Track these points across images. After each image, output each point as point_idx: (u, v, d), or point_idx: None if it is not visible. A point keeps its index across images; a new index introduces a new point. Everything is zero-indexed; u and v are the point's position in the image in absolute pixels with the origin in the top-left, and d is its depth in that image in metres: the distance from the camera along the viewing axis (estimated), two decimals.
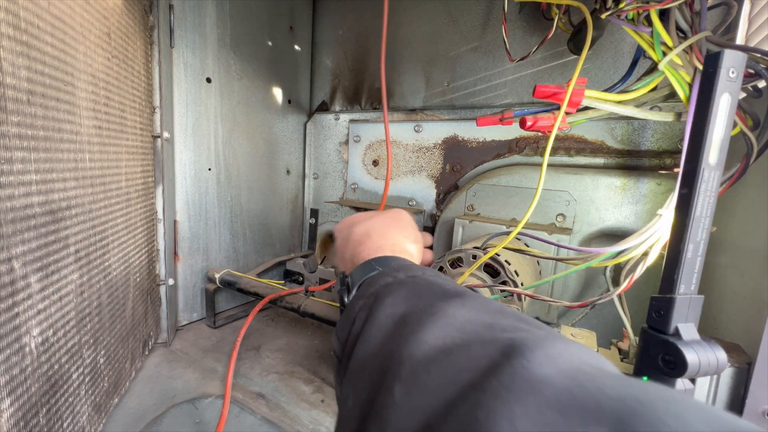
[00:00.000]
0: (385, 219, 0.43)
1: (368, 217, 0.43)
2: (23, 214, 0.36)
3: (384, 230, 0.40)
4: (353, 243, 0.40)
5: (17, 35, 0.34)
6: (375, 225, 0.41)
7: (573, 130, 0.75)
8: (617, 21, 0.46)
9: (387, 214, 0.44)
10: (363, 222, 0.42)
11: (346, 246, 0.41)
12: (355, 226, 0.42)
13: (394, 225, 0.42)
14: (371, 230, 0.40)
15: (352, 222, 0.43)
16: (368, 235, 0.40)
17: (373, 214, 0.44)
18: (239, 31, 0.88)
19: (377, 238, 0.39)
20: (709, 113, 0.33)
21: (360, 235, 0.40)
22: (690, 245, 0.34)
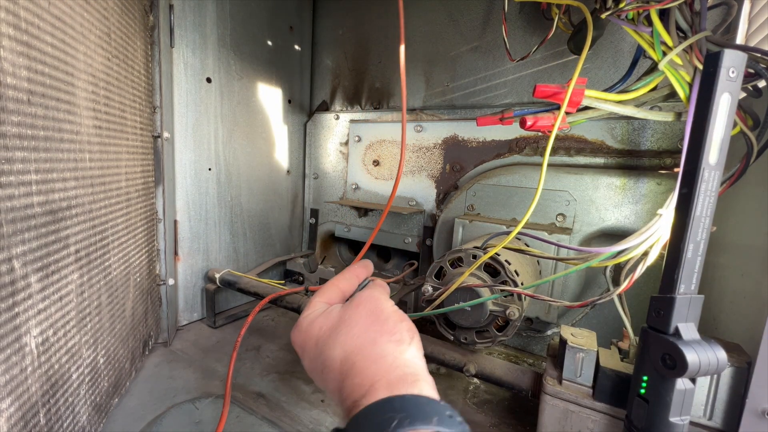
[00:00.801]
0: (360, 323, 0.31)
1: (335, 325, 0.31)
2: (23, 214, 0.36)
3: (368, 348, 0.29)
4: (333, 375, 0.29)
5: (17, 35, 0.34)
6: (353, 343, 0.30)
7: (573, 130, 0.75)
8: (617, 21, 0.46)
9: (359, 311, 0.32)
10: (334, 339, 0.30)
11: (321, 374, 0.31)
12: (326, 348, 0.30)
13: (376, 328, 0.30)
14: (351, 354, 0.29)
15: (317, 338, 0.32)
16: (351, 364, 0.28)
17: (339, 318, 0.32)
18: (239, 31, 0.88)
19: (364, 366, 0.28)
20: (709, 113, 0.33)
21: (339, 365, 0.29)
22: (690, 245, 0.34)
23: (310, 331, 0.33)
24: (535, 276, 0.66)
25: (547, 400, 0.46)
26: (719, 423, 0.40)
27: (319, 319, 0.33)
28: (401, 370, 0.27)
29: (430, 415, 0.23)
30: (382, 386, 0.26)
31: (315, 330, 0.32)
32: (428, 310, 0.55)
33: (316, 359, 0.31)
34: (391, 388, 0.26)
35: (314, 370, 0.32)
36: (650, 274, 0.47)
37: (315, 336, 0.32)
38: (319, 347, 0.31)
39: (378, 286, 0.37)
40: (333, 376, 0.29)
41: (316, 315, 0.34)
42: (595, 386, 0.44)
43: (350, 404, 0.26)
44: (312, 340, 0.32)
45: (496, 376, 0.55)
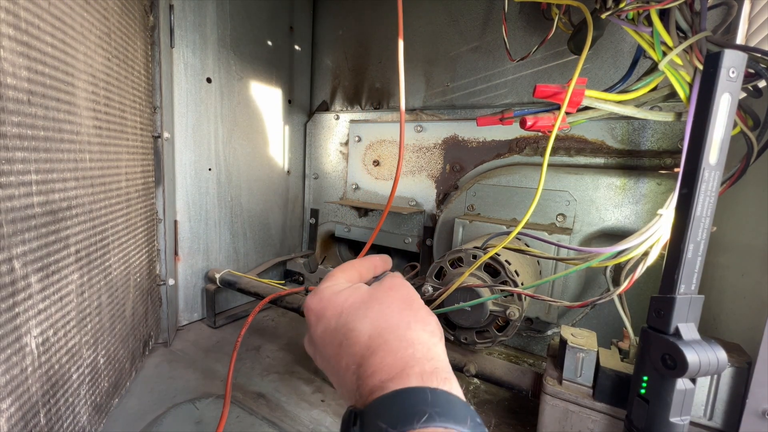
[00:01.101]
0: (393, 304, 0.29)
1: (366, 300, 0.30)
2: (23, 215, 0.36)
3: (403, 329, 0.27)
4: (355, 349, 0.27)
5: (17, 35, 0.34)
6: (387, 322, 0.28)
7: (573, 130, 0.75)
8: (617, 21, 0.46)
9: (391, 294, 0.30)
10: (364, 312, 0.29)
11: (338, 347, 0.28)
12: (354, 319, 0.28)
13: (410, 313, 0.29)
14: (384, 331, 0.27)
15: (342, 308, 0.30)
16: (383, 341, 0.26)
17: (370, 295, 0.31)
18: (239, 31, 0.88)
19: (398, 347, 0.26)
20: (710, 113, 0.33)
21: (367, 340, 0.27)
22: (690, 245, 0.34)
23: (334, 301, 0.31)
24: (535, 276, 0.66)
25: (548, 400, 0.46)
26: (719, 423, 0.40)
27: (345, 291, 0.32)
28: (434, 363, 0.26)
29: (463, 418, 0.22)
30: (415, 374, 0.24)
31: (340, 300, 0.31)
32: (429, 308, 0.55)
33: (335, 330, 0.29)
34: (424, 378, 0.24)
35: (327, 343, 0.30)
36: (650, 275, 0.47)
37: (339, 306, 0.30)
38: (343, 318, 0.29)
39: (401, 278, 0.36)
40: (355, 350, 0.27)
41: (341, 287, 0.32)
42: (595, 386, 0.44)
43: (375, 383, 0.24)
44: (335, 309, 0.30)
45: (496, 376, 0.55)
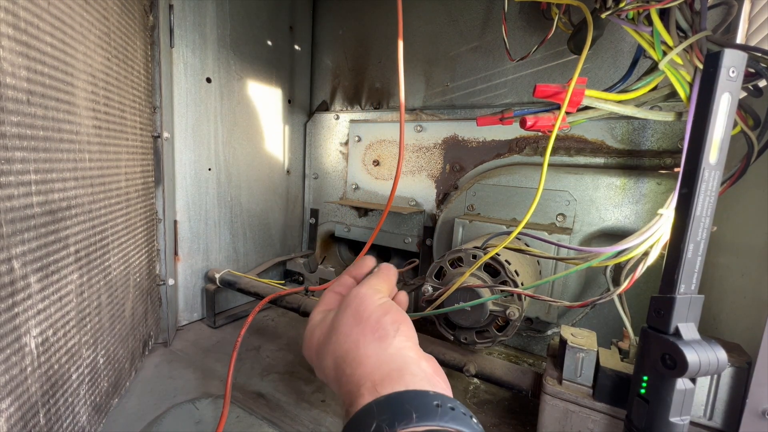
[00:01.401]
0: (344, 326, 0.31)
1: (328, 333, 0.32)
2: (23, 214, 0.36)
3: (353, 352, 0.29)
4: (332, 385, 0.30)
5: (17, 35, 0.34)
6: (340, 350, 0.30)
7: (573, 130, 0.75)
8: (617, 20, 0.46)
9: (345, 314, 0.32)
10: (326, 348, 0.31)
11: (328, 381, 0.32)
12: (321, 358, 0.31)
13: (359, 329, 0.30)
14: (340, 360, 0.29)
15: (317, 349, 0.33)
16: (341, 372, 0.29)
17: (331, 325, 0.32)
18: (239, 31, 0.88)
19: (351, 372, 0.28)
20: (710, 113, 0.33)
21: (333, 374, 0.30)
22: (690, 245, 0.34)
23: (311, 343, 0.33)
24: (535, 276, 0.66)
25: (547, 400, 0.46)
26: (719, 423, 0.40)
27: (316, 330, 0.34)
28: (386, 368, 0.27)
29: (409, 412, 0.23)
30: (366, 390, 0.26)
31: (314, 341, 0.33)
32: (428, 310, 0.55)
33: (319, 370, 0.32)
34: (375, 390, 0.25)
35: (319, 373, 0.33)
36: (650, 274, 0.47)
37: (315, 347, 0.33)
38: (318, 359, 0.32)
39: (374, 277, 0.36)
40: (332, 386, 0.30)
41: (315, 325, 0.34)
42: (595, 386, 0.44)
43: (344, 413, 0.26)
44: (313, 351, 0.33)
45: (496, 376, 0.55)
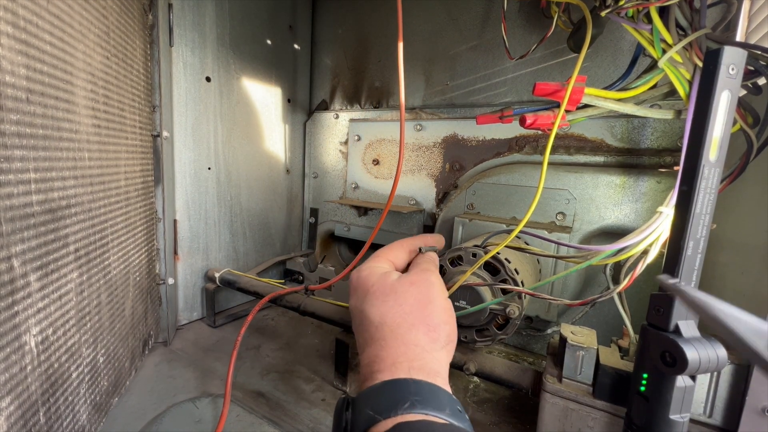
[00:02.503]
0: (406, 303, 0.31)
1: (386, 292, 0.32)
2: (22, 213, 0.36)
3: (404, 329, 0.30)
4: (365, 333, 0.31)
5: (16, 33, 0.34)
6: (393, 319, 0.30)
7: (573, 129, 0.75)
8: (617, 18, 0.46)
9: (410, 291, 0.32)
10: (379, 303, 0.31)
11: (360, 323, 0.32)
12: (370, 306, 0.32)
13: (418, 315, 0.31)
14: (386, 327, 0.30)
15: (367, 291, 0.34)
16: (382, 336, 0.30)
17: (392, 288, 0.33)
18: (239, 30, 0.88)
19: (394, 345, 0.29)
20: (709, 110, 0.33)
21: (373, 330, 0.31)
22: (690, 242, 0.34)
23: (366, 281, 0.35)
24: (534, 275, 0.66)
25: (547, 398, 0.46)
26: (719, 420, 0.40)
27: (377, 276, 0.35)
28: (425, 362, 0.28)
29: (443, 406, 0.24)
30: (403, 368, 0.27)
31: (370, 283, 0.35)
32: None
33: (359, 310, 0.33)
34: (411, 372, 0.27)
35: (354, 315, 0.35)
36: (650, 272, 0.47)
37: (367, 289, 0.34)
38: (366, 301, 0.33)
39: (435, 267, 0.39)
40: (364, 335, 0.31)
41: (379, 272, 0.36)
42: (595, 384, 0.44)
43: (367, 373, 0.27)
44: (363, 290, 0.35)
45: (496, 374, 0.55)
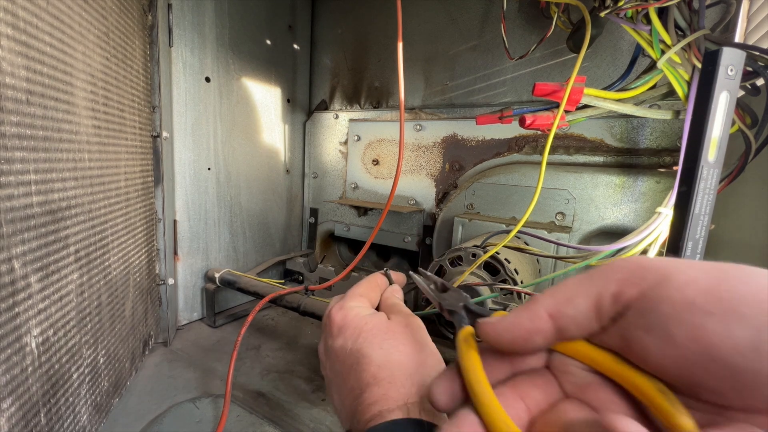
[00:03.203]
0: (407, 343, 0.30)
1: (384, 331, 0.31)
2: (23, 214, 0.36)
3: (411, 368, 0.28)
4: (362, 375, 0.28)
5: (16, 35, 0.34)
6: (398, 358, 0.29)
7: (572, 129, 0.75)
8: (616, 19, 0.47)
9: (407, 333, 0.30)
10: (380, 343, 0.29)
11: (349, 367, 0.30)
12: (368, 346, 0.30)
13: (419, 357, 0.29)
14: (392, 366, 0.28)
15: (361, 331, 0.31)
16: (389, 374, 0.27)
17: (388, 328, 0.31)
18: (238, 31, 0.88)
19: (402, 383, 0.27)
20: (708, 111, 0.33)
21: (375, 370, 0.28)
22: (689, 243, 0.34)
23: (356, 321, 0.32)
24: (534, 274, 0.66)
25: None
26: None
27: (366, 316, 0.32)
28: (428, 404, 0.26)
29: None
30: (414, 409, 0.25)
31: (362, 323, 0.31)
32: (429, 309, 0.55)
33: (351, 351, 0.30)
34: (422, 414, 0.24)
35: (340, 359, 0.31)
36: None
37: (360, 328, 0.31)
38: (360, 341, 0.30)
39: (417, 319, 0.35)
40: (362, 376, 0.28)
41: (365, 313, 0.33)
42: None
43: (374, 412, 0.25)
44: (355, 330, 0.31)
45: None
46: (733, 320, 0.13)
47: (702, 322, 0.14)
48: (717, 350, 0.13)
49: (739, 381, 0.13)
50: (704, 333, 0.13)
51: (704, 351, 0.13)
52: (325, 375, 0.34)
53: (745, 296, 0.13)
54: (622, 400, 0.16)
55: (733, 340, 0.13)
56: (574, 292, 0.17)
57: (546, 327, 0.17)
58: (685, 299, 0.14)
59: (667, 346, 0.14)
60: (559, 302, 0.17)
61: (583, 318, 0.16)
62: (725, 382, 0.13)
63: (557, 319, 0.17)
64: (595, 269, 0.17)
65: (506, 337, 0.18)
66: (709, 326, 0.13)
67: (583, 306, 0.16)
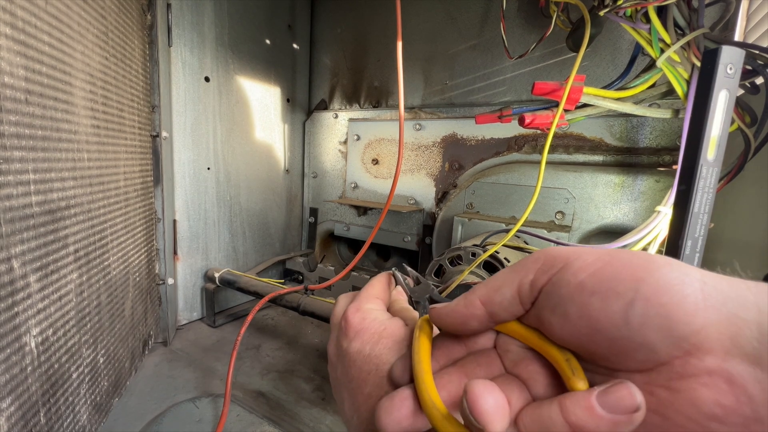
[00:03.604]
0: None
1: (404, 336, 0.31)
2: (22, 214, 0.36)
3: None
4: (384, 383, 0.29)
5: (15, 34, 0.34)
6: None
7: (572, 128, 0.75)
8: (615, 18, 0.46)
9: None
10: (400, 346, 0.30)
11: (366, 374, 0.30)
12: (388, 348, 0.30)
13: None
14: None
15: (380, 333, 0.31)
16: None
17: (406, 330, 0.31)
18: (237, 30, 0.88)
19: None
20: (708, 109, 0.33)
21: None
22: (689, 241, 0.34)
23: (374, 325, 0.31)
24: None
25: None
26: None
27: (386, 322, 0.32)
28: None
29: None
30: None
31: (380, 328, 0.31)
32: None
33: (368, 356, 0.29)
34: None
35: (357, 364, 0.30)
36: None
37: (378, 333, 0.30)
38: (379, 347, 0.29)
39: None
40: (383, 383, 0.27)
41: (383, 317, 0.32)
42: None
43: None
44: (374, 334, 0.30)
45: None
46: (611, 298, 0.15)
47: (588, 301, 0.16)
48: (599, 324, 0.16)
49: (617, 348, 0.16)
50: (589, 310, 0.16)
51: (590, 325, 0.16)
52: (335, 377, 0.33)
53: (622, 276, 0.16)
54: (545, 371, 0.19)
55: (609, 315, 0.15)
56: (502, 281, 0.19)
57: (479, 312, 0.20)
58: (578, 282, 0.17)
59: (565, 323, 0.17)
60: (489, 291, 0.20)
61: (509, 304, 0.19)
62: (609, 350, 0.16)
63: (488, 306, 0.19)
64: (521, 260, 0.20)
65: (447, 321, 0.21)
66: (593, 304, 0.16)
67: (508, 293, 0.19)
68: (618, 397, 0.15)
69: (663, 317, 0.15)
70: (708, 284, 0.15)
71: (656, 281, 0.15)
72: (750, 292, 0.15)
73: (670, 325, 0.15)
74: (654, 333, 0.15)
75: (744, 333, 0.14)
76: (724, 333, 0.14)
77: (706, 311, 0.15)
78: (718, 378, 0.14)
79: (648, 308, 0.15)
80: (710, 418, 0.14)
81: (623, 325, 0.15)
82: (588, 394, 0.15)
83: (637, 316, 0.15)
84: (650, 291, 0.15)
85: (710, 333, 0.15)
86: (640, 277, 0.16)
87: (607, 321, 0.16)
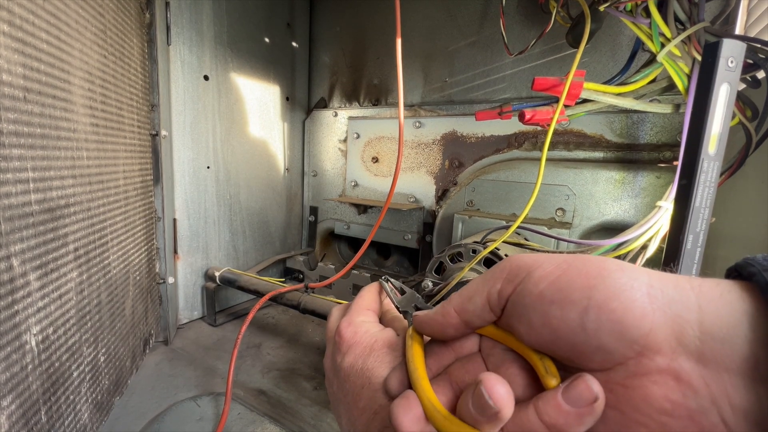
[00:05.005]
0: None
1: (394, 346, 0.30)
2: (21, 212, 0.36)
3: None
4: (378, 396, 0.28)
5: (12, 32, 0.34)
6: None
7: (572, 124, 0.75)
8: (615, 13, 0.46)
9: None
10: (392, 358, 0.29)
11: (360, 388, 0.30)
12: (379, 361, 0.29)
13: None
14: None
15: (371, 346, 0.31)
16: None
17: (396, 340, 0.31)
18: (236, 28, 0.88)
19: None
20: (709, 103, 0.32)
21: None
22: (690, 236, 0.34)
23: (366, 338, 0.31)
24: None
25: None
26: None
27: (377, 334, 0.32)
28: None
29: None
30: None
31: (371, 341, 0.31)
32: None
33: (361, 369, 0.29)
34: None
35: (350, 378, 0.30)
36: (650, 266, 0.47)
37: (370, 346, 0.31)
38: (371, 360, 0.30)
39: None
40: (376, 396, 0.27)
41: (374, 329, 0.32)
42: None
43: None
44: (365, 347, 0.31)
45: None
46: (567, 306, 0.17)
47: (548, 309, 0.17)
48: (560, 331, 0.17)
49: (578, 351, 0.17)
50: (550, 319, 0.17)
51: (552, 332, 0.17)
52: (332, 392, 0.32)
53: (577, 285, 0.17)
54: (525, 373, 0.20)
55: (567, 323, 0.17)
56: (474, 291, 0.21)
57: (455, 321, 0.21)
58: (538, 292, 0.18)
59: (530, 330, 0.18)
60: (462, 300, 0.21)
61: (480, 312, 0.20)
62: (571, 353, 0.17)
63: (462, 314, 0.21)
64: (491, 269, 0.21)
65: (427, 329, 0.23)
66: (552, 312, 0.17)
67: (479, 302, 0.20)
68: (578, 391, 0.16)
69: (615, 322, 0.16)
70: (655, 287, 0.16)
71: (606, 288, 0.16)
72: (693, 292, 0.16)
73: (622, 329, 0.16)
74: (608, 337, 0.16)
75: (687, 332, 0.15)
76: (671, 334, 0.16)
77: (654, 314, 0.16)
78: (666, 376, 0.15)
79: (600, 314, 0.16)
80: (661, 413, 0.15)
81: (580, 332, 0.16)
82: (555, 392, 0.17)
83: (592, 323, 0.16)
84: (602, 298, 0.16)
85: (658, 334, 0.16)
86: (592, 285, 0.17)
87: (566, 328, 0.17)
